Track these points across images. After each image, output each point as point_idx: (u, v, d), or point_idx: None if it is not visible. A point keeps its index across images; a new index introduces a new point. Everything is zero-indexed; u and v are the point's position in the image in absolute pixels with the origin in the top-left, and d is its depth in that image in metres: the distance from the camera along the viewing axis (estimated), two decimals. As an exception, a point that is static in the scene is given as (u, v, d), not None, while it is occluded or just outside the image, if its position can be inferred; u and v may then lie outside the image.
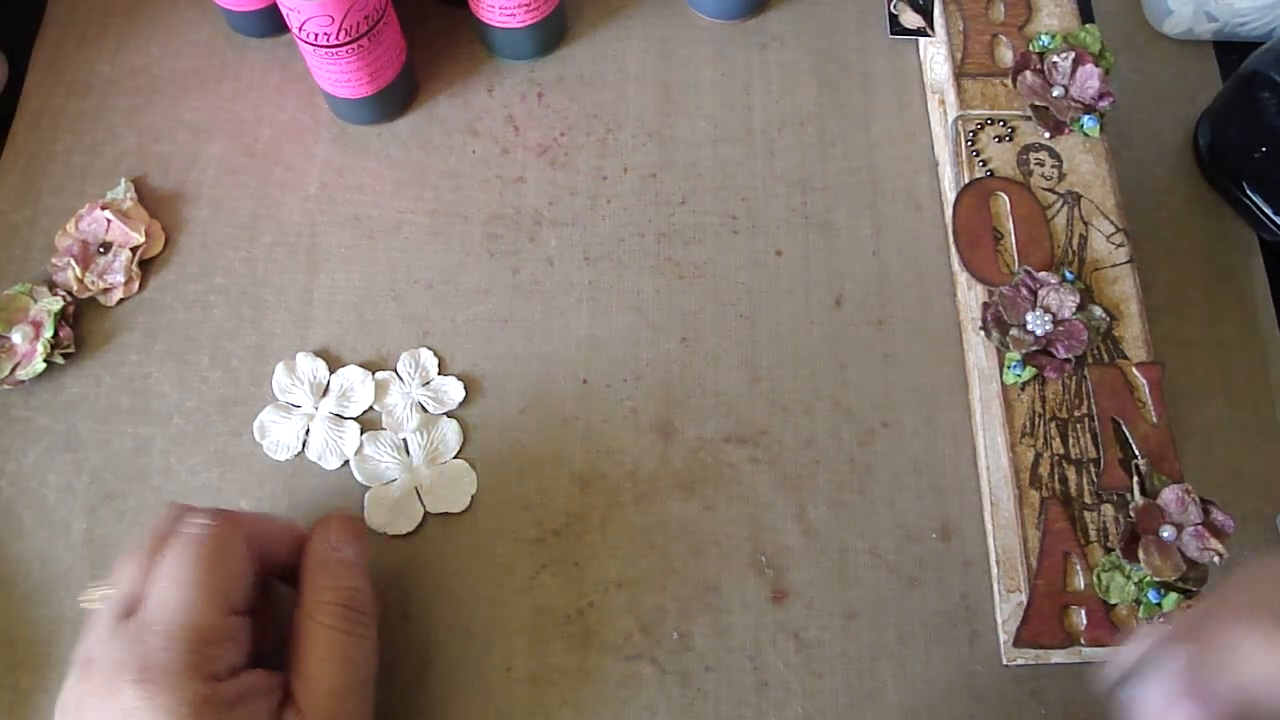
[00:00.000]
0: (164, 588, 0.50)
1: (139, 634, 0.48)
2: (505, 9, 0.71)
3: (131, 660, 0.48)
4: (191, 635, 0.49)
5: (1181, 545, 0.55)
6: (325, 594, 0.54)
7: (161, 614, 0.49)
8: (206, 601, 0.50)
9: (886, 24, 0.76)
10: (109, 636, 0.49)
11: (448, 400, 0.66)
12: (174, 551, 0.51)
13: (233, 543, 0.52)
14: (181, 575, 0.50)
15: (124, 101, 0.76)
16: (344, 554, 0.56)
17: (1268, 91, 0.68)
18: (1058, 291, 0.60)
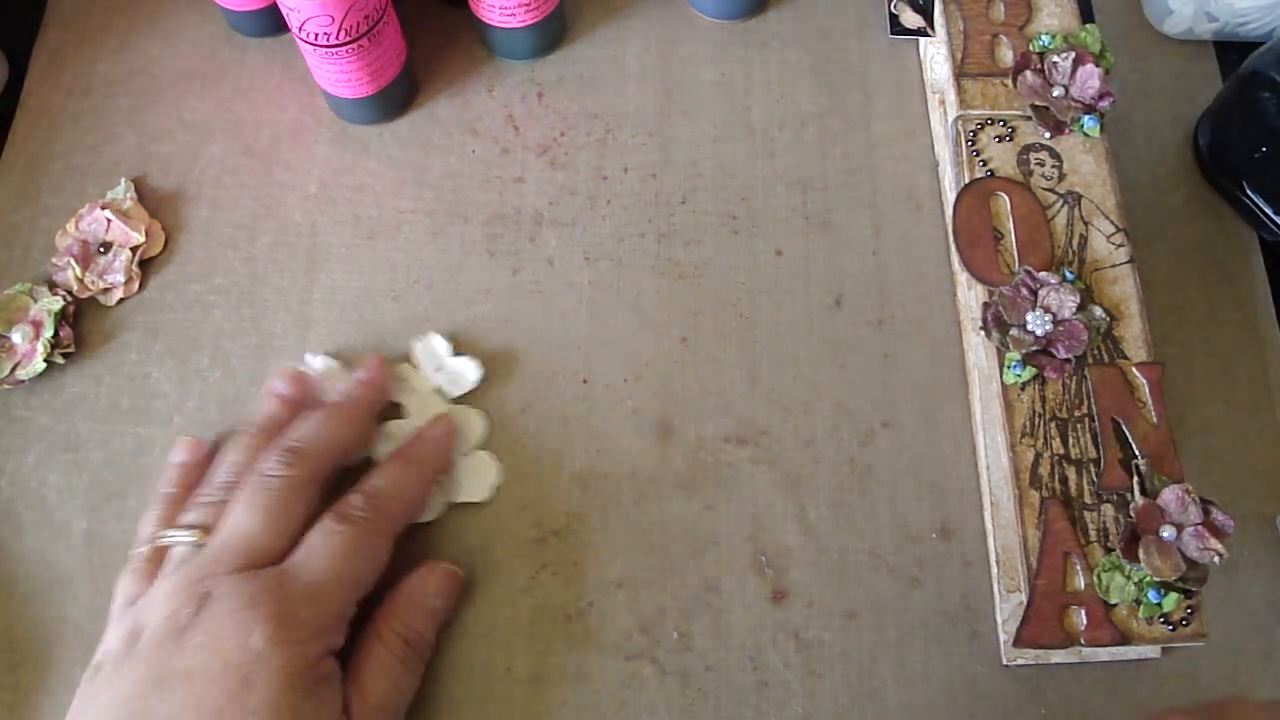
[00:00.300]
0: (319, 556, 0.54)
1: (281, 583, 0.53)
2: (505, 9, 0.71)
3: (270, 604, 0.51)
4: (332, 607, 0.54)
5: (1182, 545, 0.55)
6: (399, 625, 0.57)
7: (310, 577, 0.53)
8: (351, 583, 0.55)
9: (886, 24, 0.76)
10: (239, 578, 0.52)
11: (464, 381, 0.66)
12: (333, 528, 0.56)
13: (384, 539, 0.58)
14: (338, 550, 0.55)
15: (124, 101, 0.76)
16: (431, 603, 0.59)
17: (1268, 91, 0.68)
18: (1058, 291, 0.60)
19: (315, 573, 0.53)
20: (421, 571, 0.60)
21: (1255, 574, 0.63)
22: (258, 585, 0.52)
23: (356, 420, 0.62)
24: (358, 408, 0.63)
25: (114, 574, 0.62)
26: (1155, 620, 0.55)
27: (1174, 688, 0.60)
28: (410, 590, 0.59)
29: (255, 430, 0.61)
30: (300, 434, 0.59)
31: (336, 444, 0.60)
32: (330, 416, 0.61)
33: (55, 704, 0.60)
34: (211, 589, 0.52)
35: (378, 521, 0.57)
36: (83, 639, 0.61)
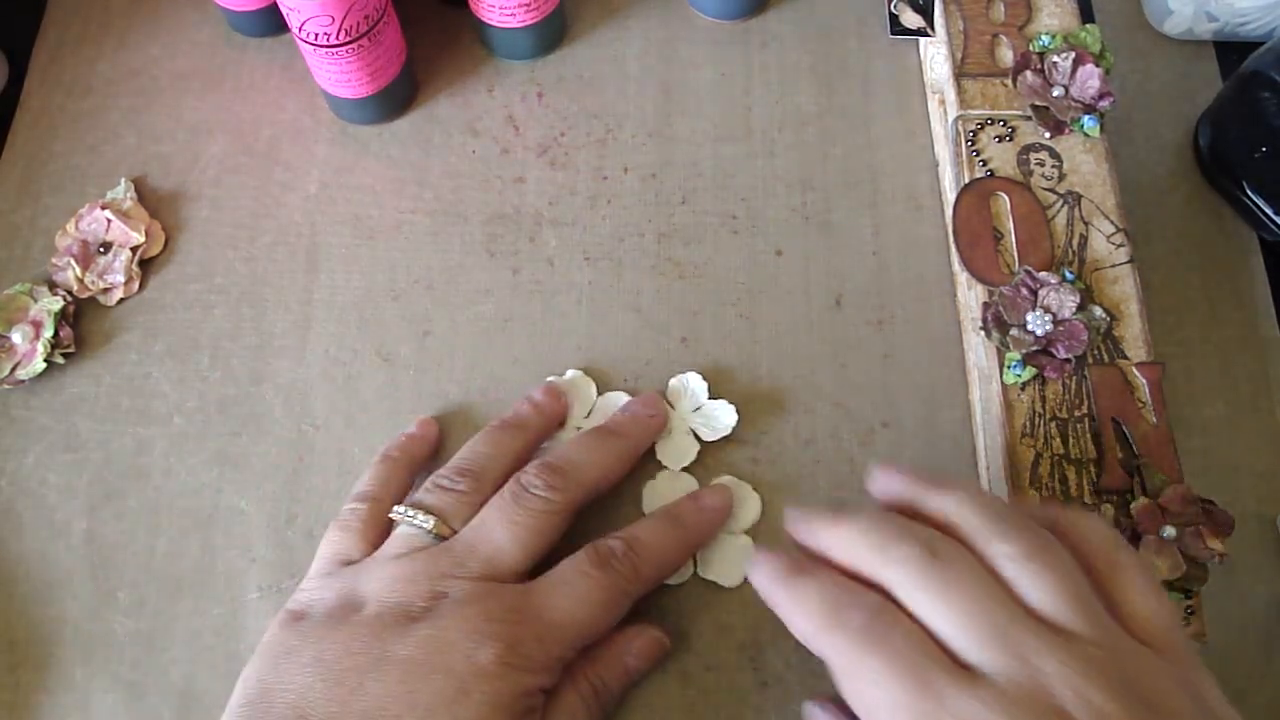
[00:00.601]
0: (566, 596, 0.54)
1: (519, 612, 0.52)
2: (505, 9, 0.71)
3: (506, 628, 0.51)
4: (562, 651, 0.53)
5: (1182, 545, 0.55)
6: (594, 676, 0.56)
7: (552, 615, 0.53)
8: (588, 631, 0.54)
9: (886, 24, 0.76)
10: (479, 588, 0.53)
11: (720, 426, 0.65)
12: (511, 509, 0.56)
13: (560, 522, 0.57)
14: (586, 597, 0.54)
15: (124, 101, 0.76)
16: (630, 663, 0.58)
17: (1268, 91, 0.68)
18: (1058, 291, 0.60)
19: (556, 610, 0.53)
20: (630, 631, 0.58)
21: (1255, 574, 0.63)
22: (499, 604, 0.52)
23: (627, 456, 0.61)
24: (631, 443, 0.62)
25: (113, 574, 0.62)
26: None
27: (1174, 688, 0.60)
28: (616, 646, 0.58)
29: (503, 426, 0.62)
30: (569, 456, 0.59)
31: (604, 475, 0.60)
32: (603, 444, 0.61)
33: (55, 704, 0.60)
34: (450, 589, 0.52)
35: (632, 579, 0.56)
36: (82, 639, 0.61)
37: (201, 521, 0.64)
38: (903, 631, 0.43)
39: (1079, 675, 0.40)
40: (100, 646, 0.61)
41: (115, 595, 0.62)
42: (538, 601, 0.53)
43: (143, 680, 0.60)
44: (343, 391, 0.67)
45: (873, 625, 0.43)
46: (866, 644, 0.43)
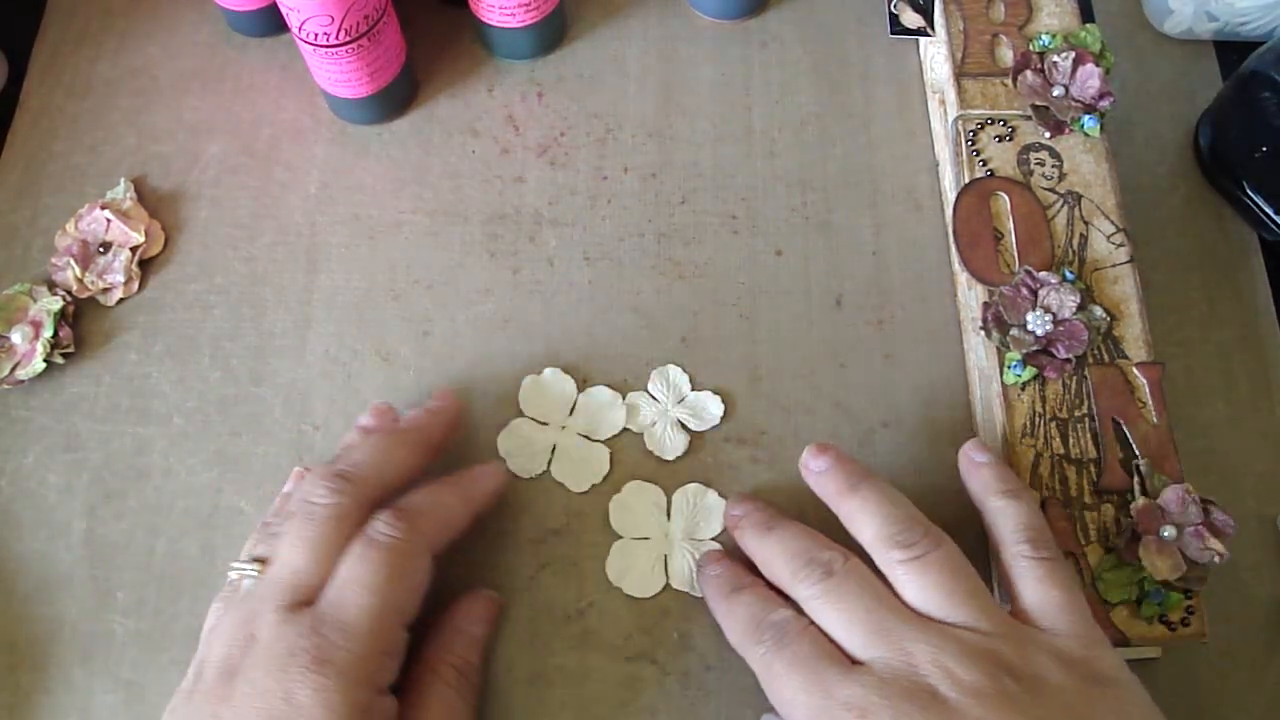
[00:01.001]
0: (351, 589, 0.52)
1: (318, 626, 0.50)
2: (505, 9, 0.71)
3: (309, 651, 0.49)
4: (373, 643, 0.51)
5: (1182, 545, 0.55)
6: (451, 657, 0.57)
7: (345, 615, 0.51)
8: (391, 612, 0.53)
9: (887, 24, 0.76)
10: (280, 620, 0.50)
11: (707, 416, 0.66)
12: (362, 555, 0.53)
13: (420, 558, 0.55)
14: (369, 580, 0.52)
15: (124, 101, 0.76)
16: (475, 630, 0.59)
17: (1268, 91, 0.68)
18: (1058, 291, 0.60)
19: (352, 609, 0.51)
20: (465, 601, 0.59)
21: (1255, 574, 0.63)
22: (295, 631, 0.50)
23: (413, 446, 0.59)
24: (417, 434, 0.60)
25: (113, 574, 0.62)
26: (1156, 620, 0.55)
27: (1174, 688, 0.60)
28: (457, 620, 0.58)
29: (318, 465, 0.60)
30: (351, 459, 0.57)
31: (388, 469, 0.58)
32: (383, 440, 0.59)
33: (55, 704, 0.60)
34: (256, 630, 0.51)
35: (411, 541, 0.54)
36: (82, 639, 0.61)
37: (201, 521, 0.64)
38: (806, 640, 0.51)
39: (945, 654, 0.48)
40: (100, 646, 0.61)
41: (115, 595, 0.62)
42: (332, 610, 0.51)
43: (143, 680, 0.60)
44: (343, 391, 0.67)
45: (781, 638, 0.52)
46: (775, 653, 0.51)
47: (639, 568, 0.62)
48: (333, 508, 0.54)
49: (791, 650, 0.51)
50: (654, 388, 0.67)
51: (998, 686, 0.46)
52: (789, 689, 0.50)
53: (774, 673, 0.51)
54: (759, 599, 0.55)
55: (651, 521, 0.63)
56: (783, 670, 0.50)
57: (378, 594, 0.52)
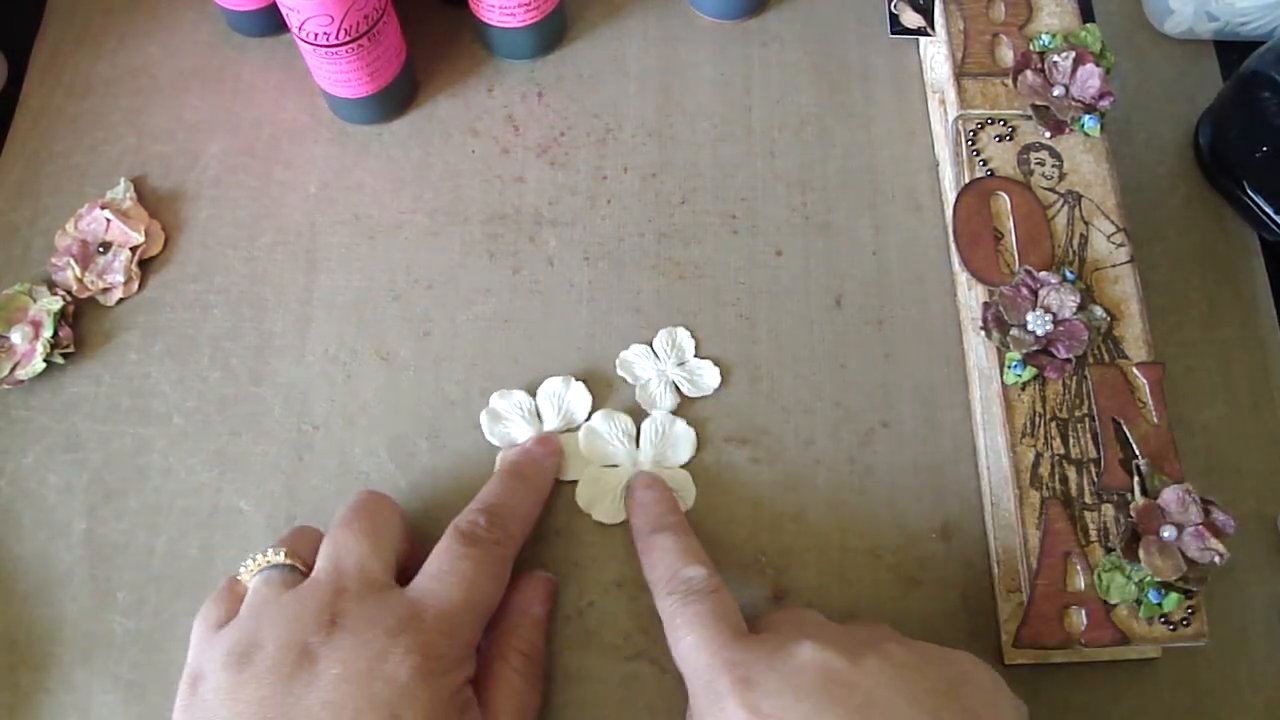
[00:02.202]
0: (450, 582, 0.54)
1: (416, 617, 0.52)
2: (505, 9, 0.71)
3: (413, 637, 0.51)
4: (467, 635, 0.54)
5: (1182, 545, 0.55)
6: (517, 642, 0.57)
7: (443, 605, 0.53)
8: (483, 607, 0.56)
9: (887, 24, 0.76)
10: (370, 605, 0.52)
11: (702, 385, 0.66)
12: (464, 552, 0.55)
13: (510, 558, 0.58)
14: (470, 575, 0.54)
15: (124, 101, 0.76)
16: (536, 611, 0.60)
17: (1268, 91, 0.68)
18: (1058, 291, 0.60)
19: (449, 601, 0.53)
20: (522, 584, 0.60)
21: (1255, 574, 0.63)
22: (393, 616, 0.51)
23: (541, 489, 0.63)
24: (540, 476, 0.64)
25: (114, 573, 0.62)
26: (1156, 620, 0.55)
27: (1174, 688, 0.60)
28: (518, 605, 0.59)
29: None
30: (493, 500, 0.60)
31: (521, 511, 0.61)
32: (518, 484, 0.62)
33: (55, 704, 0.60)
34: (338, 615, 0.51)
35: (504, 543, 0.57)
36: (82, 639, 0.61)
37: (201, 521, 0.64)
38: (712, 601, 0.54)
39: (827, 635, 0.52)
40: (100, 646, 0.61)
41: (115, 595, 0.62)
42: (428, 599, 0.53)
43: (143, 680, 0.60)
44: (342, 391, 0.67)
45: (689, 594, 0.55)
46: (682, 608, 0.54)
47: (608, 495, 0.63)
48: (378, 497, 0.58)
49: (696, 608, 0.54)
50: (658, 344, 0.67)
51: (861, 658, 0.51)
52: (686, 642, 0.53)
53: (675, 625, 0.54)
54: (678, 549, 0.58)
55: (621, 449, 0.64)
56: (683, 625, 0.53)
57: (476, 589, 0.54)
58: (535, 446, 0.64)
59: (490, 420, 0.66)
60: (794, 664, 0.50)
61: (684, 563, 0.56)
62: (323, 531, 0.57)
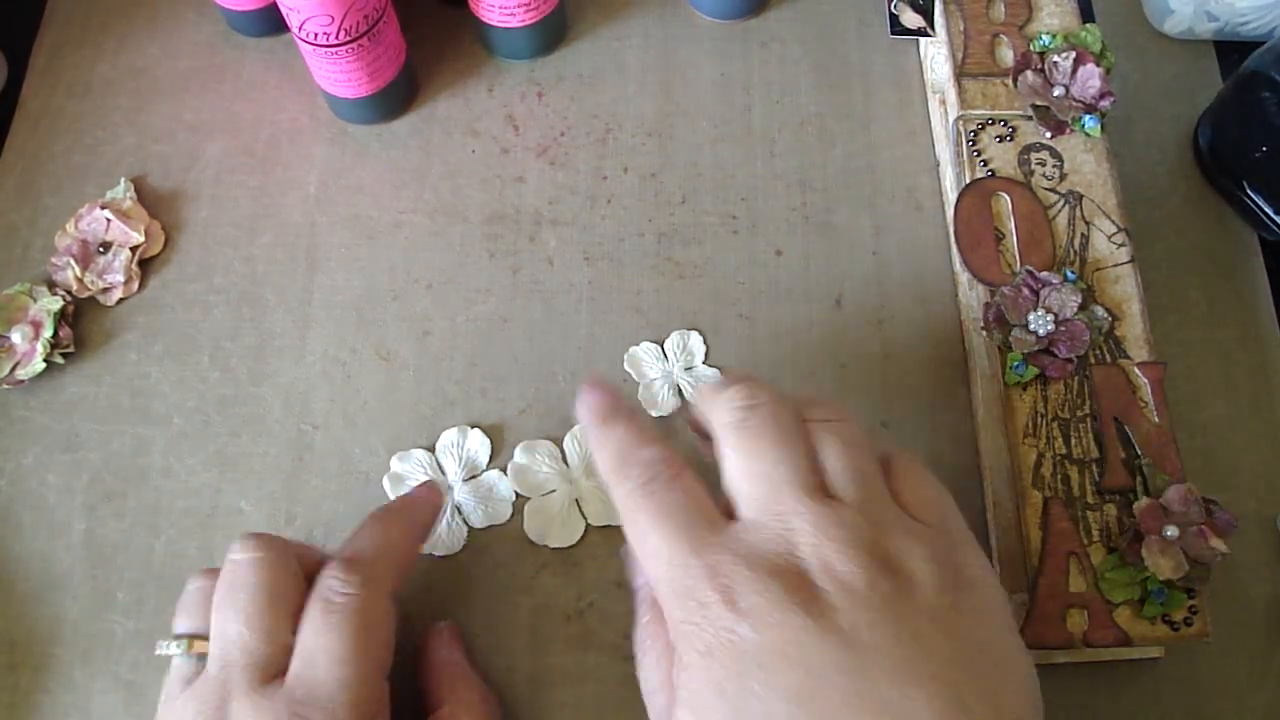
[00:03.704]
0: (321, 661, 0.49)
1: (298, 710, 0.48)
2: (505, 9, 0.71)
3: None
4: (356, 711, 0.49)
5: (1184, 545, 0.55)
6: (464, 693, 0.56)
7: (320, 690, 0.49)
8: (368, 677, 0.50)
9: (887, 24, 0.76)
10: (252, 701, 0.48)
11: None
12: (325, 622, 0.50)
13: (383, 609, 0.53)
14: (338, 650, 0.49)
15: (124, 101, 0.76)
16: (457, 657, 0.58)
17: (1268, 91, 0.68)
18: (1059, 291, 0.60)
19: (325, 683, 0.49)
20: (433, 645, 0.58)
21: (1255, 574, 0.63)
22: (274, 711, 0.48)
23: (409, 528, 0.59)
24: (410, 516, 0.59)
25: (113, 574, 0.62)
26: (1159, 620, 0.55)
27: (1175, 687, 0.60)
28: (441, 660, 0.57)
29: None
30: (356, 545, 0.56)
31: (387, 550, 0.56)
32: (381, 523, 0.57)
33: (55, 704, 0.60)
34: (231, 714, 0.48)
35: (370, 594, 0.52)
36: (82, 639, 0.61)
37: (201, 521, 0.64)
38: (677, 488, 0.47)
39: (824, 536, 0.44)
40: (100, 646, 0.61)
41: (114, 595, 0.62)
42: (305, 685, 0.49)
43: (143, 680, 0.60)
44: (342, 391, 0.67)
45: (649, 482, 0.47)
46: (641, 497, 0.47)
47: (556, 521, 0.63)
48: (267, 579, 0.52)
49: (659, 498, 0.47)
50: (670, 345, 0.67)
51: (870, 583, 0.43)
52: (651, 540, 0.46)
53: (637, 520, 0.47)
54: (632, 432, 0.50)
55: (551, 474, 0.64)
56: (647, 520, 0.46)
57: (352, 663, 0.50)
58: (411, 490, 0.62)
59: (393, 484, 0.64)
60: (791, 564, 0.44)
61: (638, 443, 0.49)
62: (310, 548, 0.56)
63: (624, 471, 0.48)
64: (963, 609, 0.44)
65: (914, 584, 0.44)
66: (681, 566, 0.45)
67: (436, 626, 0.59)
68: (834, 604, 0.43)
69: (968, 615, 0.44)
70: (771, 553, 0.44)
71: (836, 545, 0.44)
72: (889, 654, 0.42)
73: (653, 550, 0.46)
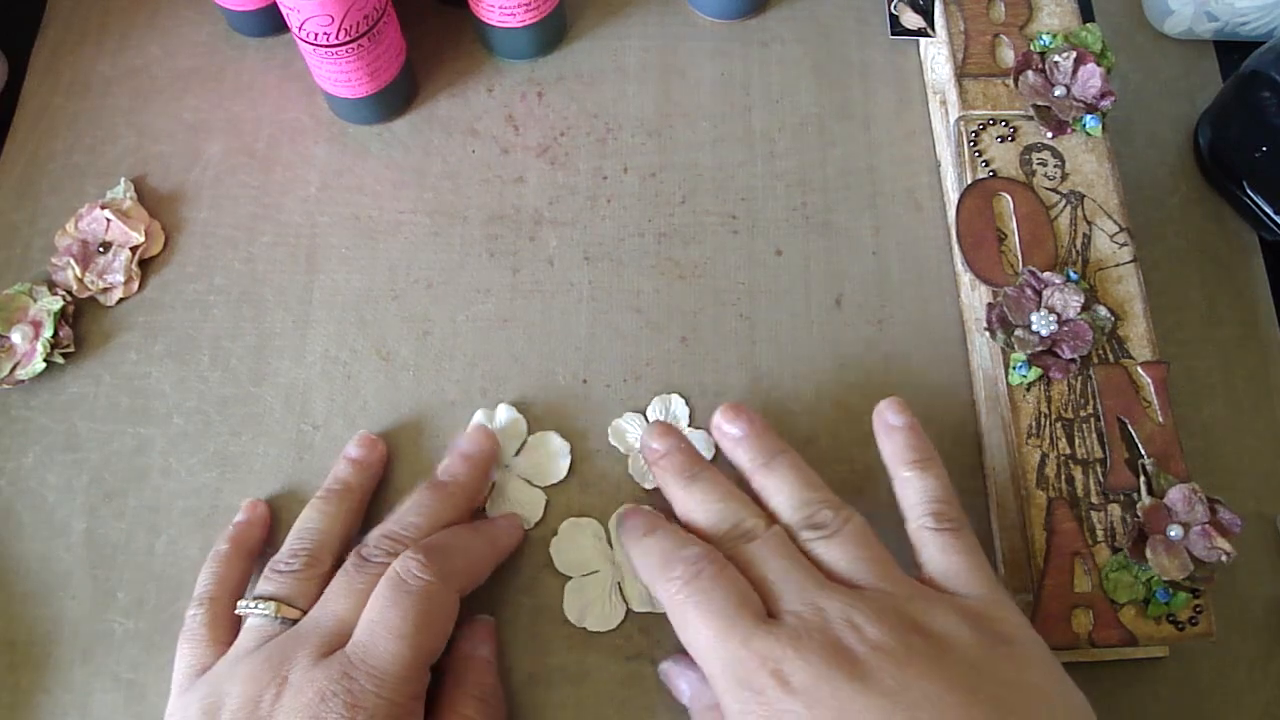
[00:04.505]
0: (382, 635, 0.52)
1: (349, 671, 0.50)
2: (505, 9, 0.71)
3: (341, 696, 0.50)
4: (405, 689, 0.51)
5: (1189, 545, 0.55)
6: (473, 689, 0.56)
7: (376, 661, 0.51)
8: (420, 660, 0.53)
9: (887, 24, 0.76)
10: (312, 665, 0.51)
11: None
12: (394, 600, 0.53)
13: (449, 601, 0.55)
14: (400, 627, 0.52)
15: (124, 101, 0.76)
16: (483, 653, 0.58)
17: (1268, 91, 0.68)
18: (1062, 292, 0.60)
19: (382, 656, 0.51)
20: (466, 630, 0.58)
21: (1255, 574, 0.63)
22: (329, 675, 0.50)
23: (461, 501, 0.61)
24: (463, 490, 0.61)
25: (113, 574, 0.62)
26: (1163, 620, 0.55)
27: (1177, 687, 0.60)
28: (463, 651, 0.58)
29: (326, 494, 0.61)
30: (405, 520, 0.58)
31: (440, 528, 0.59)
32: (435, 499, 0.60)
33: (55, 704, 0.60)
34: (290, 674, 0.51)
35: (441, 584, 0.54)
36: (82, 639, 0.61)
37: (201, 521, 0.64)
38: (722, 583, 0.51)
39: (855, 612, 0.48)
40: (100, 646, 0.61)
41: (115, 595, 0.62)
42: (362, 654, 0.51)
43: (143, 680, 0.60)
44: (343, 391, 0.67)
45: (695, 578, 0.51)
46: (688, 593, 0.51)
47: (596, 603, 0.61)
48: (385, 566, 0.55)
49: (706, 594, 0.50)
50: (652, 413, 0.66)
51: (905, 643, 0.47)
52: (704, 635, 0.49)
53: (687, 617, 0.50)
54: (672, 535, 0.55)
55: (595, 554, 0.63)
56: (697, 616, 0.50)
57: (408, 640, 0.52)
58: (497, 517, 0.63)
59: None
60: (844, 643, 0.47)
61: (680, 544, 0.53)
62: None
63: (669, 571, 0.52)
64: (1004, 658, 0.47)
65: (949, 641, 0.47)
66: (735, 658, 0.48)
67: (475, 617, 0.60)
68: (874, 665, 0.46)
69: (1010, 663, 0.47)
70: (811, 632, 0.48)
71: (865, 614, 0.48)
72: (939, 703, 0.45)
73: (706, 646, 0.49)
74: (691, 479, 0.57)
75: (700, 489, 0.57)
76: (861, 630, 0.47)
